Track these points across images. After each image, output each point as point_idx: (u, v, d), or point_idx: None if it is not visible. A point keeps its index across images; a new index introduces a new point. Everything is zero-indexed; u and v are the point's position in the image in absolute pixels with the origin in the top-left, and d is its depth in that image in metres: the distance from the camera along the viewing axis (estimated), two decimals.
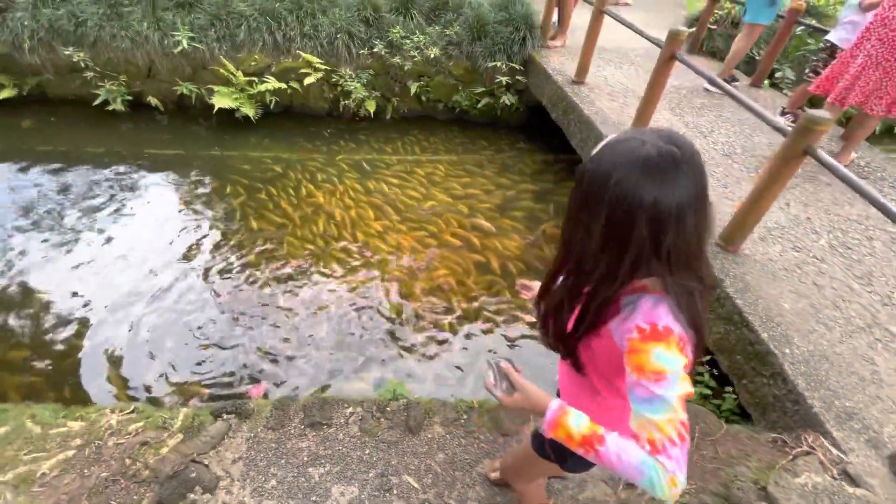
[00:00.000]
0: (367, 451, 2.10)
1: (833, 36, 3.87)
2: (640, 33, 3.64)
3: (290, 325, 3.21)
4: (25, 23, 4.86)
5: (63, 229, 3.84)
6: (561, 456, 1.19)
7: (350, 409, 2.27)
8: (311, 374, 2.94)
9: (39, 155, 4.66)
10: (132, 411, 2.37)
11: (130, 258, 3.61)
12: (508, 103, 5.50)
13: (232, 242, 3.82)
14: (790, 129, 2.30)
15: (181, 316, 3.21)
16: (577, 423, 0.86)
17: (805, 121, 2.21)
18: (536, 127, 5.95)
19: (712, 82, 2.93)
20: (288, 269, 3.61)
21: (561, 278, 0.95)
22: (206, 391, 2.83)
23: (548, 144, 5.56)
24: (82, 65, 5.02)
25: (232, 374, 2.91)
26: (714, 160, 3.53)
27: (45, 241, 3.71)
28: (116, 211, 4.08)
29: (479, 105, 5.66)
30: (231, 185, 4.47)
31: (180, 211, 4.15)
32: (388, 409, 2.28)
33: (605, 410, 1.05)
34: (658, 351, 0.79)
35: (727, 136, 3.91)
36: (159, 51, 5.13)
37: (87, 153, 4.77)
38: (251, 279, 3.51)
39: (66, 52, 4.95)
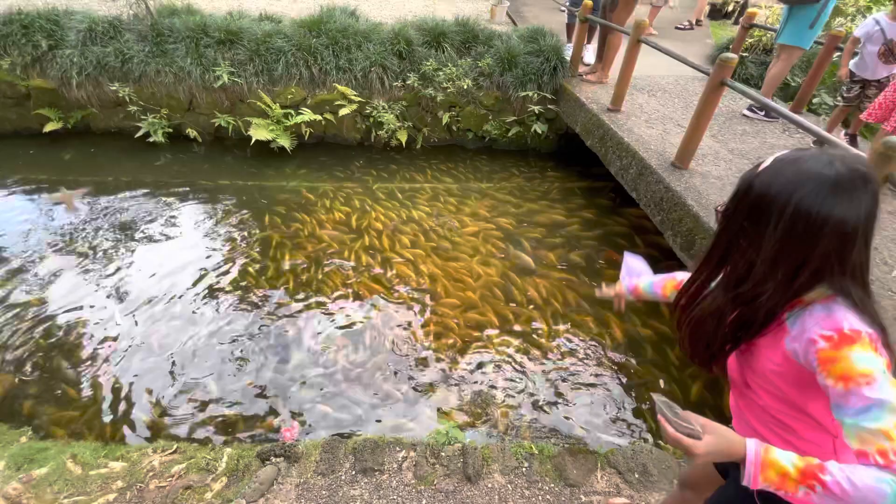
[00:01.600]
0: (424, 502, 1.95)
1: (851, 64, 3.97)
2: (685, 61, 3.59)
3: (323, 358, 3.10)
4: (74, 59, 5.06)
5: (99, 258, 3.86)
6: None
7: (402, 454, 2.14)
8: (346, 411, 2.80)
9: (80, 185, 4.76)
10: (174, 451, 2.28)
11: (163, 287, 3.59)
12: (539, 132, 5.48)
13: (265, 272, 3.77)
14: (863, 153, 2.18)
15: (211, 348, 3.14)
16: (787, 457, 0.76)
17: (884, 147, 2.10)
18: (565, 154, 5.92)
19: (767, 108, 2.83)
20: (321, 299, 3.54)
21: (713, 285, 0.95)
22: (236, 431, 2.72)
23: (577, 171, 5.50)
24: (127, 99, 5.18)
25: (263, 410, 2.79)
26: None
27: (82, 269, 3.72)
28: (151, 239, 4.10)
29: (510, 133, 5.66)
30: (265, 214, 4.47)
31: (214, 239, 4.15)
32: (442, 454, 2.14)
33: (804, 445, 0.93)
34: (856, 354, 0.76)
35: None
36: (200, 85, 5.28)
37: (125, 182, 4.86)
38: (284, 310, 3.44)
39: (113, 88, 5.13)
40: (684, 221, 3.16)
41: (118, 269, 3.76)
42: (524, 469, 2.09)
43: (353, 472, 2.05)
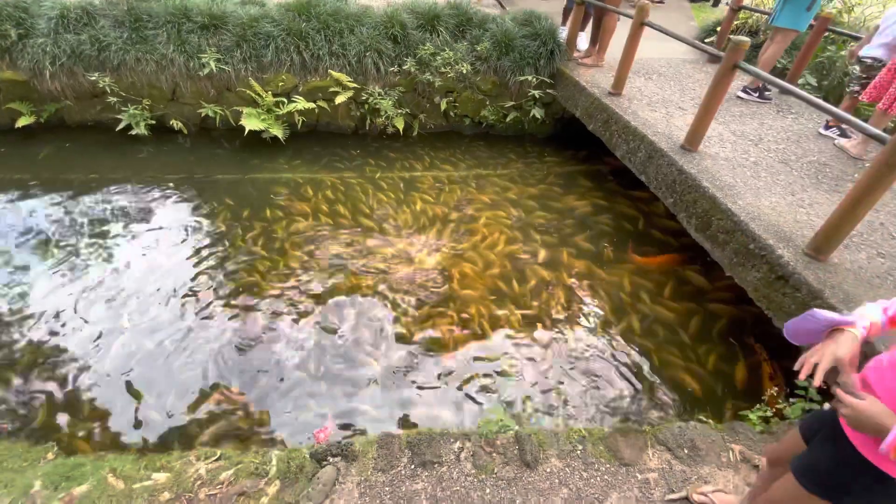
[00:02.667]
0: (488, 491, 1.97)
1: (874, 52, 3.83)
2: (693, 44, 3.65)
3: (338, 353, 3.06)
4: (46, 49, 4.70)
5: (85, 261, 3.65)
6: (839, 493, 1.09)
7: (458, 444, 2.15)
8: (377, 406, 2.78)
9: (58, 183, 4.47)
10: (218, 458, 2.21)
11: (153, 288, 3.43)
12: (538, 116, 5.47)
13: (267, 268, 3.66)
14: (889, 137, 2.28)
15: (209, 348, 3.04)
16: None
17: None
18: (561, 138, 5.95)
19: (786, 91, 2.90)
20: (329, 293, 3.47)
21: None
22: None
23: (573, 155, 5.55)
24: (107, 90, 4.86)
25: (288, 411, 2.74)
26: (774, 168, 3.51)
27: (62, 272, 3.51)
28: (136, 238, 3.90)
29: (508, 119, 5.63)
30: (261, 207, 4.33)
31: (209, 236, 3.99)
32: (497, 442, 2.15)
33: None
34: None
35: (777, 143, 3.91)
36: (184, 73, 5.00)
37: (107, 179, 4.59)
38: (292, 307, 3.36)
39: (92, 78, 4.80)
40: (699, 203, 3.23)
41: (105, 271, 3.56)
42: (579, 452, 2.13)
43: (413, 467, 2.04)
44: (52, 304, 3.27)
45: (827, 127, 4.15)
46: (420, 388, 2.86)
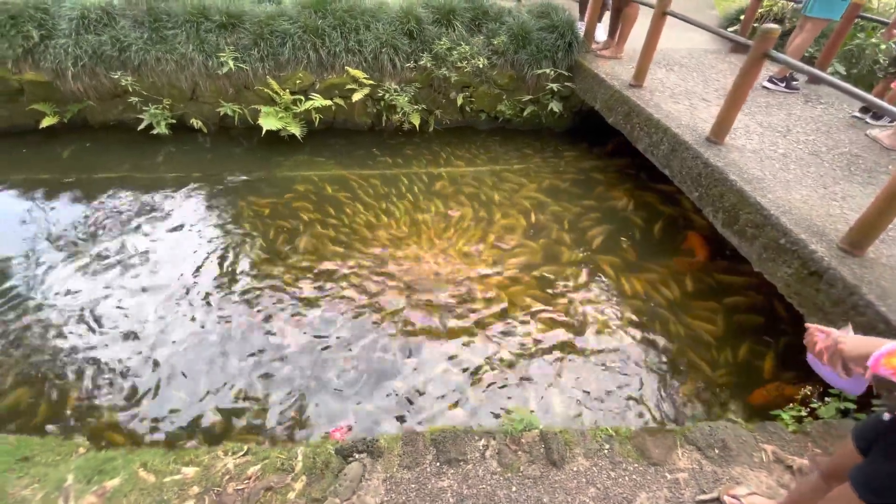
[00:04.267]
0: (514, 489, 1.95)
1: None
2: (720, 34, 3.56)
3: (352, 353, 3.06)
4: (68, 49, 4.78)
5: (110, 259, 3.71)
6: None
7: (482, 442, 2.13)
8: (399, 402, 2.78)
9: (82, 183, 4.56)
10: (246, 452, 2.24)
11: (178, 285, 3.49)
12: (556, 110, 5.40)
13: (282, 266, 3.68)
14: None
15: (233, 344, 3.07)
16: None
17: None
18: (579, 132, 5.86)
19: (817, 79, 2.80)
20: (350, 292, 3.48)
21: None
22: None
23: (592, 149, 5.47)
24: (129, 89, 4.94)
25: (307, 406, 2.75)
26: (804, 160, 3.41)
27: (87, 269, 3.59)
28: (160, 237, 3.96)
29: (525, 113, 5.57)
30: (280, 206, 4.35)
31: (228, 234, 4.03)
32: (522, 440, 2.13)
33: None
34: None
35: (807, 135, 3.79)
36: (203, 73, 5.05)
37: (130, 178, 4.66)
38: (307, 304, 3.37)
39: (114, 77, 4.87)
40: (727, 197, 3.15)
41: (129, 269, 3.62)
42: (606, 451, 2.10)
43: (438, 464, 2.03)
44: (78, 301, 3.33)
45: (865, 111, 4.03)
46: (442, 385, 2.85)
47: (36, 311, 3.24)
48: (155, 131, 5.13)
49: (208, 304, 3.36)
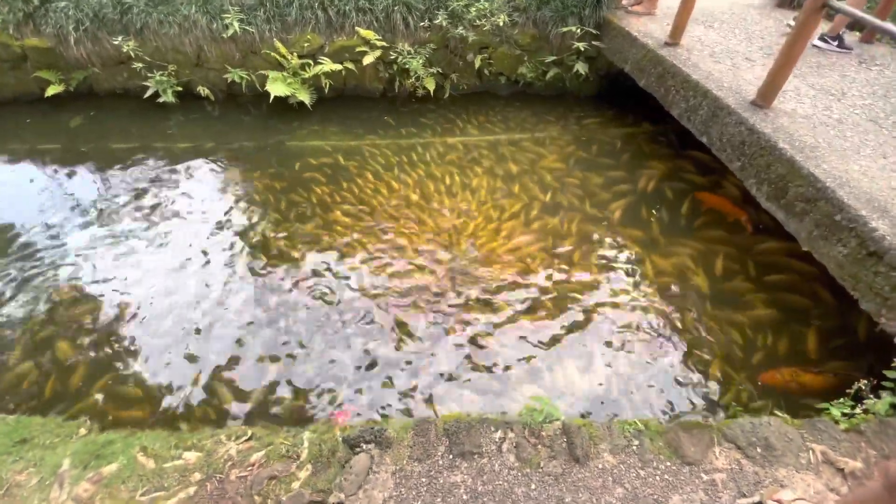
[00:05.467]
0: (534, 487, 1.79)
1: None
2: None
3: (361, 330, 2.91)
4: (69, 13, 4.59)
5: (117, 227, 3.63)
6: None
7: (499, 434, 1.97)
8: (411, 385, 2.65)
9: (91, 152, 4.45)
10: (249, 438, 2.13)
11: (187, 258, 3.39)
12: (581, 72, 5.01)
13: (293, 239, 3.53)
14: None
15: (242, 320, 2.95)
16: None
17: None
18: (605, 97, 5.47)
19: (885, 32, 2.43)
20: (363, 266, 3.32)
21: None
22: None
23: (622, 115, 5.09)
24: (131, 54, 4.74)
25: (304, 388, 2.64)
26: (861, 127, 3.04)
27: (97, 241, 3.51)
28: (170, 207, 3.85)
29: (548, 76, 5.19)
30: (291, 176, 4.18)
31: (239, 205, 3.88)
32: (542, 433, 1.96)
33: None
34: None
35: (863, 99, 3.39)
36: (208, 36, 4.81)
37: (138, 147, 4.53)
38: (318, 280, 3.23)
39: (115, 42, 4.67)
40: (774, 167, 2.84)
41: (140, 240, 3.53)
42: (635, 447, 1.92)
43: (451, 457, 1.89)
44: (87, 272, 3.26)
45: None
46: (456, 368, 2.70)
47: (51, 280, 3.18)
48: (161, 99, 4.96)
49: (216, 275, 3.24)
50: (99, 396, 2.60)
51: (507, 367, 2.69)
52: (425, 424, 2.00)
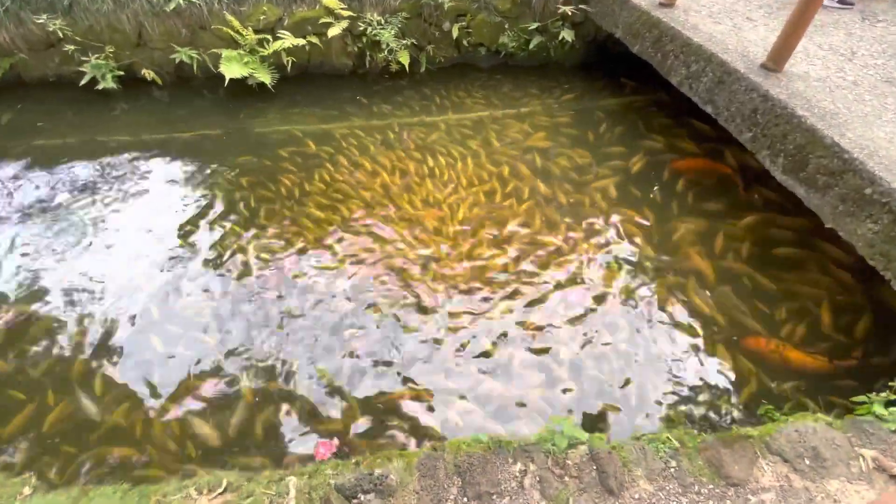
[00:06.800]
0: None
1: None
2: None
3: (343, 337, 2.61)
4: None
5: (60, 234, 3.17)
6: None
7: (518, 466, 1.71)
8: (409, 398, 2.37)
9: (25, 152, 3.90)
10: (224, 489, 1.81)
11: (138, 271, 2.97)
12: (568, 40, 4.64)
13: (255, 235, 3.17)
14: None
15: (193, 327, 2.61)
16: None
17: None
18: (593, 67, 5.13)
19: None
20: (341, 266, 2.98)
21: None
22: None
23: (608, 86, 4.78)
24: (62, 35, 4.13)
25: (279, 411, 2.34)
26: (878, 89, 2.82)
27: (38, 248, 3.06)
28: (120, 208, 3.41)
29: (531, 45, 4.81)
30: (257, 169, 3.75)
31: (197, 201, 3.47)
32: (568, 462, 1.71)
33: None
34: None
35: (875, 59, 3.17)
36: (147, 11, 4.23)
37: (78, 144, 4.00)
38: (295, 283, 2.88)
39: (39, 21, 4.05)
40: (792, 137, 2.59)
41: (87, 246, 3.10)
42: (673, 470, 1.69)
43: (465, 500, 1.62)
44: (27, 281, 2.82)
45: None
46: (457, 382, 2.43)
47: None
48: (101, 86, 4.38)
49: (174, 276, 2.86)
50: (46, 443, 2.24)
51: (511, 358, 2.44)
52: (432, 461, 1.72)
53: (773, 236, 3.12)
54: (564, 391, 2.37)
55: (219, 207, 3.43)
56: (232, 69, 4.25)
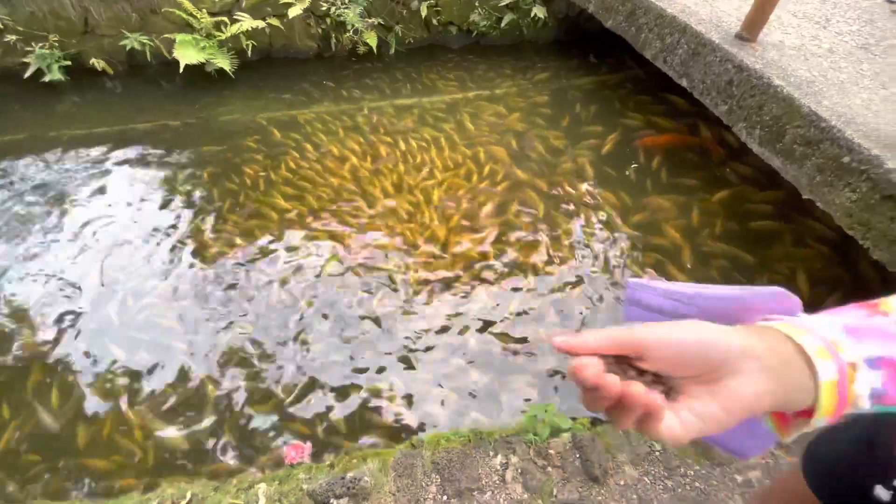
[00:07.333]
0: None
1: None
2: None
3: (317, 333, 2.51)
4: None
5: (10, 245, 2.96)
6: None
7: (500, 458, 1.64)
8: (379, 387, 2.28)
9: None
10: (189, 501, 1.70)
11: (97, 279, 2.79)
12: (540, 16, 4.52)
13: (217, 228, 3.01)
14: None
15: (154, 328, 2.47)
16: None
17: None
18: (566, 44, 5.03)
19: None
20: (299, 258, 2.86)
21: None
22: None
23: (582, 64, 4.69)
24: (1, 25, 3.83)
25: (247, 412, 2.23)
26: (854, 56, 2.78)
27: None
28: (76, 212, 3.19)
29: (503, 24, 4.67)
30: (219, 160, 3.56)
31: (155, 198, 3.28)
32: (551, 451, 1.65)
33: None
34: None
35: (848, 24, 3.13)
36: None
37: (26, 141, 3.73)
38: (262, 274, 2.75)
39: None
40: (768, 108, 2.54)
41: (42, 257, 2.89)
42: (657, 454, 1.64)
43: (445, 498, 1.55)
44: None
45: None
46: (428, 373, 2.34)
47: None
48: (48, 78, 4.09)
49: (152, 288, 2.69)
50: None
51: (489, 344, 2.36)
52: (409, 459, 1.64)
53: (748, 210, 3.11)
54: (550, 375, 2.31)
55: (179, 201, 3.24)
56: (187, 54, 4.01)
